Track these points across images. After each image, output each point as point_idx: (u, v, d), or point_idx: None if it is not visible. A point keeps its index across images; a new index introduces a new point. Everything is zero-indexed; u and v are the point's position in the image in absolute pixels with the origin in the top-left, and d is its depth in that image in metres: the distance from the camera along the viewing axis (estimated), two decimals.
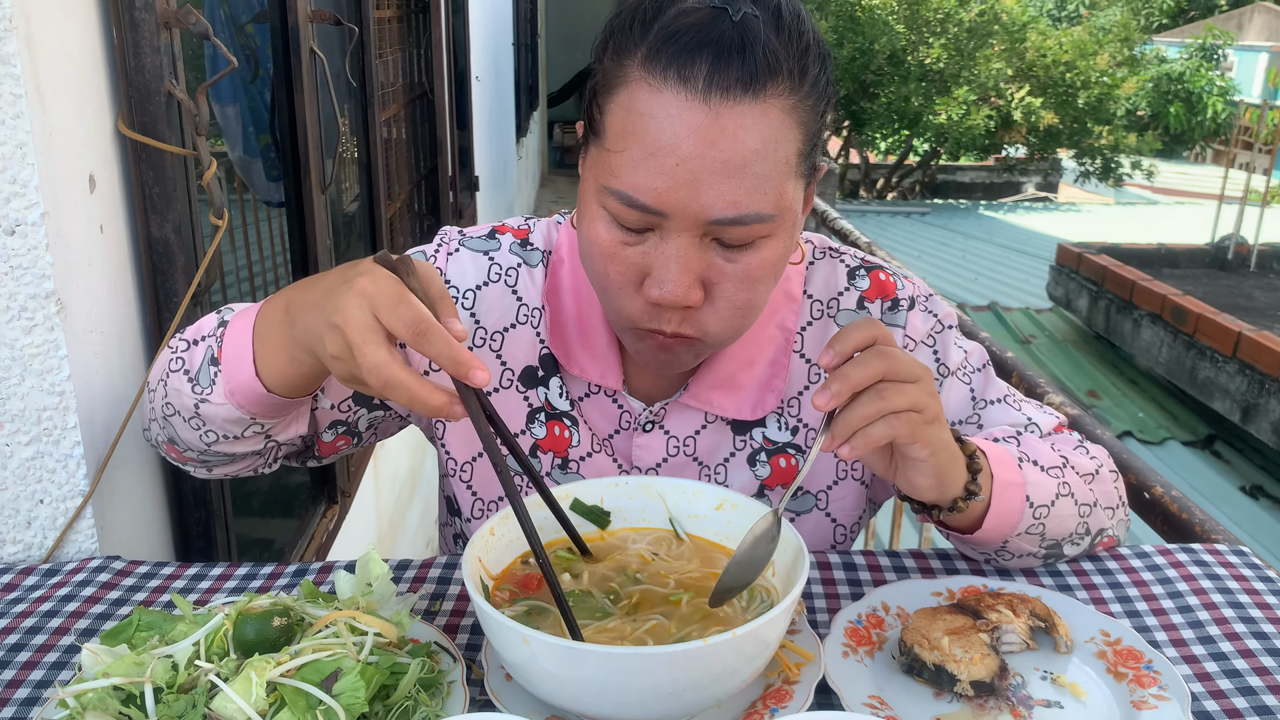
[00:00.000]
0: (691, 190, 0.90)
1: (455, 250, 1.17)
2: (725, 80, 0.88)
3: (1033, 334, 9.88)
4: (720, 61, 0.88)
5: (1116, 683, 0.91)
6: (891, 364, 0.89)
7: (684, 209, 0.91)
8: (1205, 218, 12.50)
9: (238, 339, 0.97)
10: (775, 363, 1.14)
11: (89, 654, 0.85)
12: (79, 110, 1.18)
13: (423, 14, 3.91)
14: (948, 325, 1.18)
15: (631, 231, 0.95)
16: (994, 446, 1.03)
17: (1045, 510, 1.03)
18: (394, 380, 0.79)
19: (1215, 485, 6.96)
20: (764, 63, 0.89)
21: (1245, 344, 7.35)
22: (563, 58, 13.01)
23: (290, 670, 0.79)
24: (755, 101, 0.89)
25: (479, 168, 5.41)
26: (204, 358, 1.00)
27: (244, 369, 0.96)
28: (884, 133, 17.53)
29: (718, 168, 0.89)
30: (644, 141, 0.90)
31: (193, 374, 1.00)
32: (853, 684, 0.90)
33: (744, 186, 0.90)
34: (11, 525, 1.19)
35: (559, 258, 1.16)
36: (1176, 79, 19.14)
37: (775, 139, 0.91)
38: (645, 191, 0.91)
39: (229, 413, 0.99)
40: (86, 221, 1.19)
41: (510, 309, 1.15)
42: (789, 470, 1.16)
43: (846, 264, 1.19)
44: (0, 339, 1.12)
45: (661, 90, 0.89)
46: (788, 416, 1.15)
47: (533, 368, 1.15)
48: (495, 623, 0.78)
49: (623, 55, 0.93)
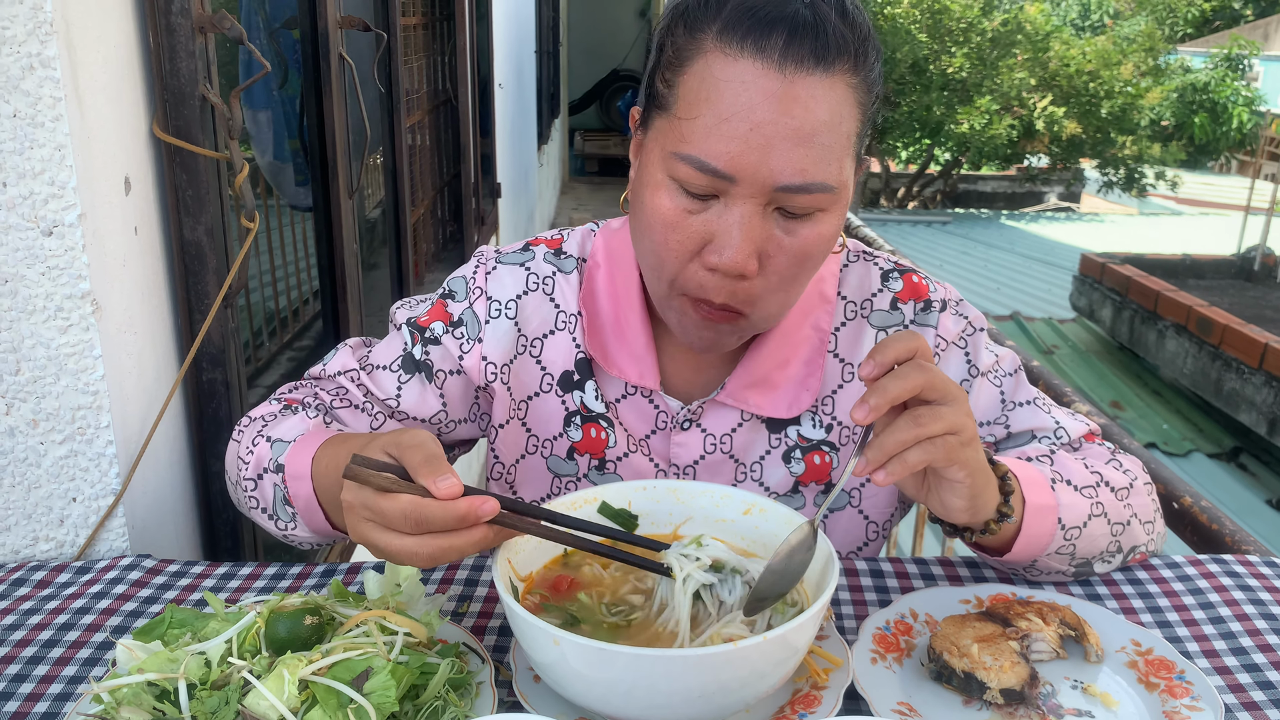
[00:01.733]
0: (762, 155, 0.93)
1: (493, 269, 1.20)
2: (799, 52, 0.92)
3: (1056, 344, 9.82)
4: (795, 35, 0.93)
5: (1148, 693, 0.90)
6: (930, 378, 0.88)
7: (754, 174, 0.93)
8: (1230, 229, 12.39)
9: (305, 496, 1.05)
10: (810, 362, 1.15)
11: (123, 649, 0.85)
12: (116, 113, 1.19)
13: (448, 21, 3.94)
14: (979, 328, 1.19)
15: (696, 199, 0.97)
16: (1026, 467, 1.02)
17: (1077, 531, 1.02)
18: (440, 557, 0.84)
19: (1241, 498, 6.88)
20: (834, 41, 0.94)
21: (1272, 355, 7.28)
22: (584, 66, 13.06)
23: (322, 669, 0.79)
24: (826, 75, 0.93)
25: (501, 174, 5.44)
26: (275, 497, 1.08)
27: (319, 522, 1.06)
28: (905, 141, 17.47)
29: (789, 134, 0.93)
30: (718, 107, 0.93)
31: (270, 510, 1.09)
32: (881, 690, 0.89)
33: (811, 155, 0.94)
34: (45, 523, 1.21)
35: (595, 263, 1.19)
36: (1201, 89, 18.97)
37: (841, 113, 0.95)
38: (718, 156, 0.93)
39: (319, 540, 1.11)
40: (122, 223, 1.20)
41: (549, 316, 1.19)
42: (823, 467, 1.17)
43: (880, 266, 1.21)
44: (37, 338, 1.14)
45: (738, 59, 0.93)
46: (822, 414, 1.17)
47: (569, 372, 1.18)
48: (525, 623, 0.79)
49: (696, 29, 0.97)
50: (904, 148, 17.80)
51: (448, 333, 1.18)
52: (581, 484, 1.20)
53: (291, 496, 1.05)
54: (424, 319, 1.19)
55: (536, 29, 8.03)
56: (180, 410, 1.38)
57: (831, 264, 1.18)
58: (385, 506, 0.82)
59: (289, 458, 1.05)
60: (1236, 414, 7.67)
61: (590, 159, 12.77)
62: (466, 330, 1.18)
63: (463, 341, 1.18)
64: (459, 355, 1.18)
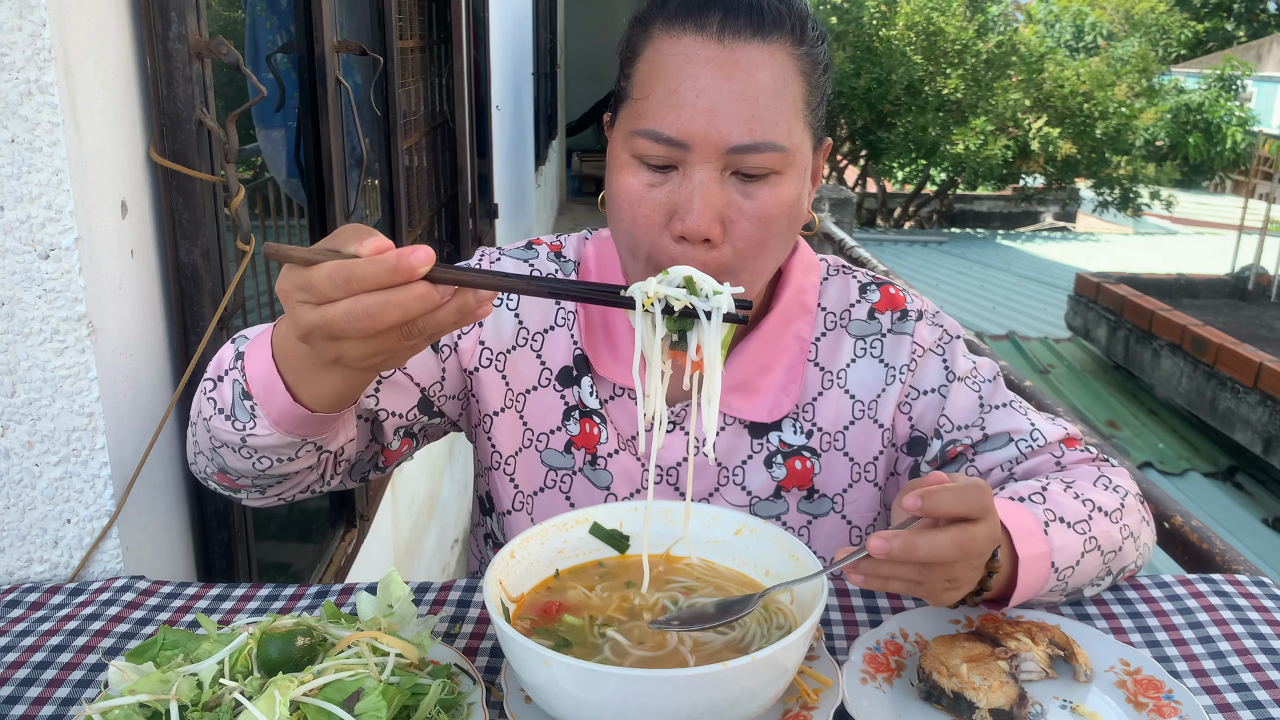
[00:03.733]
0: (710, 119, 1.00)
1: (497, 259, 1.25)
2: (736, 25, 1.01)
3: (1051, 363, 9.84)
4: (730, 10, 1.02)
5: (1137, 712, 0.91)
6: (961, 551, 0.88)
7: (704, 137, 1.00)
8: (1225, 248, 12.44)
9: (263, 372, 0.95)
10: (791, 369, 1.20)
11: (116, 671, 0.86)
12: (113, 138, 1.20)
13: (445, 44, 3.97)
14: (954, 335, 1.24)
15: (656, 171, 1.04)
16: (1019, 515, 1.01)
17: (1070, 571, 1.03)
18: (379, 314, 0.77)
19: (1236, 517, 6.88)
20: (769, 14, 1.03)
21: (1266, 375, 7.29)
22: (581, 88, 13.14)
23: (313, 689, 0.80)
24: (764, 44, 1.02)
25: (498, 195, 5.46)
26: (233, 394, 0.98)
27: (279, 399, 0.95)
28: (901, 162, 17.57)
29: (733, 97, 1.00)
30: (666, 82, 1.02)
31: (228, 411, 0.99)
32: (871, 710, 0.90)
33: (758, 115, 1.01)
34: (39, 544, 1.21)
35: (587, 268, 1.25)
36: (1195, 109, 19.10)
37: (783, 78, 1.03)
38: (670, 125, 1.01)
39: (278, 440, 0.98)
40: (118, 246, 1.21)
41: (550, 311, 1.23)
42: (804, 473, 1.21)
43: (858, 280, 1.26)
44: (32, 361, 1.14)
45: (680, 37, 1.03)
46: (803, 421, 1.21)
47: (568, 368, 1.22)
48: (516, 644, 0.79)
49: (646, 23, 1.07)
50: (900, 168, 17.90)
51: None
52: (576, 477, 1.22)
53: (249, 383, 0.95)
54: None
55: (534, 51, 8.08)
56: (175, 432, 1.38)
57: (812, 276, 1.22)
58: (312, 275, 0.78)
59: (249, 347, 0.98)
60: (1232, 433, 7.69)
61: (587, 180, 12.82)
62: None
63: None
64: (457, 334, 1.21)
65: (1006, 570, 0.99)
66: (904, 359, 1.21)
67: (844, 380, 1.22)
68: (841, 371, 1.22)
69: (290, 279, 0.80)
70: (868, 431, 1.21)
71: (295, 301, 0.80)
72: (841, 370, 1.22)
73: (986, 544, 0.90)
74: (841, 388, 1.21)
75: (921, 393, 1.21)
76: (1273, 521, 6.92)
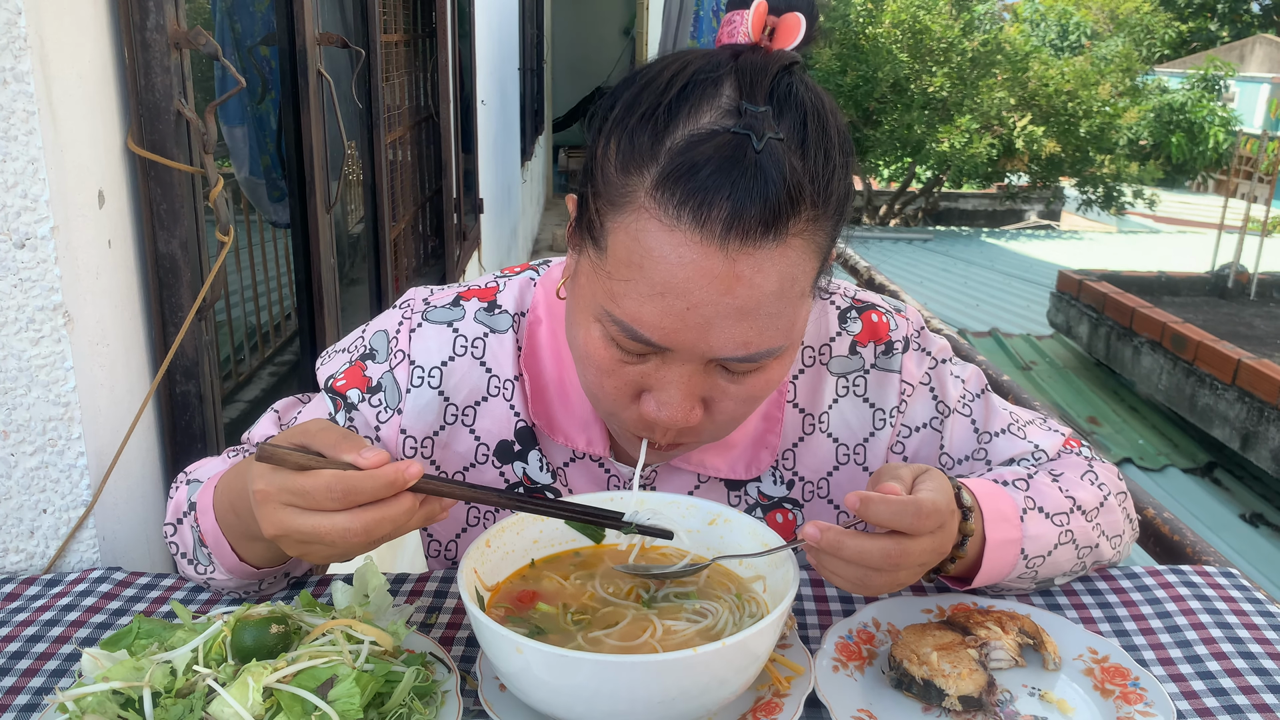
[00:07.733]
0: (700, 333, 0.85)
1: (418, 325, 1.11)
2: (746, 225, 0.81)
3: (1033, 360, 9.89)
4: (740, 204, 0.81)
5: (1103, 699, 0.92)
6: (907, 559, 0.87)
7: (691, 348, 0.87)
8: (1206, 246, 12.53)
9: (210, 529, 1.00)
10: (769, 416, 1.11)
11: (89, 659, 0.86)
12: (90, 127, 1.20)
13: (430, 38, 3.96)
14: (941, 360, 1.17)
15: (631, 352, 0.90)
16: (997, 497, 1.01)
17: (1040, 560, 1.03)
18: (375, 530, 0.81)
19: (1215, 513, 6.94)
20: (787, 199, 0.82)
21: (1245, 372, 7.36)
22: (568, 83, 13.11)
23: (287, 676, 0.80)
24: (777, 244, 0.83)
25: (484, 190, 5.45)
26: (193, 539, 1.04)
27: (229, 556, 1.00)
28: (887, 160, 17.60)
29: (731, 312, 0.84)
30: (652, 279, 0.84)
31: (190, 555, 1.05)
32: (842, 697, 0.91)
33: (756, 327, 0.86)
34: (15, 534, 1.21)
35: (536, 318, 1.10)
36: (1178, 109, 19.24)
37: (793, 275, 0.86)
38: (652, 329, 0.86)
39: (238, 582, 1.04)
40: (95, 236, 1.21)
41: (480, 382, 1.10)
42: (786, 525, 1.14)
43: (837, 305, 1.15)
44: (8, 350, 1.14)
45: (674, 230, 0.82)
46: (783, 470, 1.14)
47: (508, 442, 1.11)
48: (489, 631, 0.80)
49: (630, 169, 0.85)
50: (885, 166, 17.93)
51: (364, 400, 1.10)
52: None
53: (203, 534, 1.00)
54: (341, 382, 1.11)
55: (520, 46, 8.06)
56: (153, 423, 1.38)
57: None
58: (306, 484, 0.79)
59: (200, 494, 1.01)
60: (1210, 429, 7.74)
61: (574, 175, 12.79)
62: (385, 398, 1.09)
63: (380, 410, 1.10)
64: (375, 425, 1.10)
65: (974, 552, 1.00)
66: (893, 401, 1.14)
67: (826, 424, 1.14)
68: (824, 415, 1.13)
69: (276, 481, 0.81)
70: (853, 477, 1.15)
71: (279, 504, 0.81)
72: (824, 413, 1.13)
73: (927, 556, 0.89)
74: (824, 432, 1.14)
75: (913, 429, 1.16)
76: (1250, 517, 6.99)
